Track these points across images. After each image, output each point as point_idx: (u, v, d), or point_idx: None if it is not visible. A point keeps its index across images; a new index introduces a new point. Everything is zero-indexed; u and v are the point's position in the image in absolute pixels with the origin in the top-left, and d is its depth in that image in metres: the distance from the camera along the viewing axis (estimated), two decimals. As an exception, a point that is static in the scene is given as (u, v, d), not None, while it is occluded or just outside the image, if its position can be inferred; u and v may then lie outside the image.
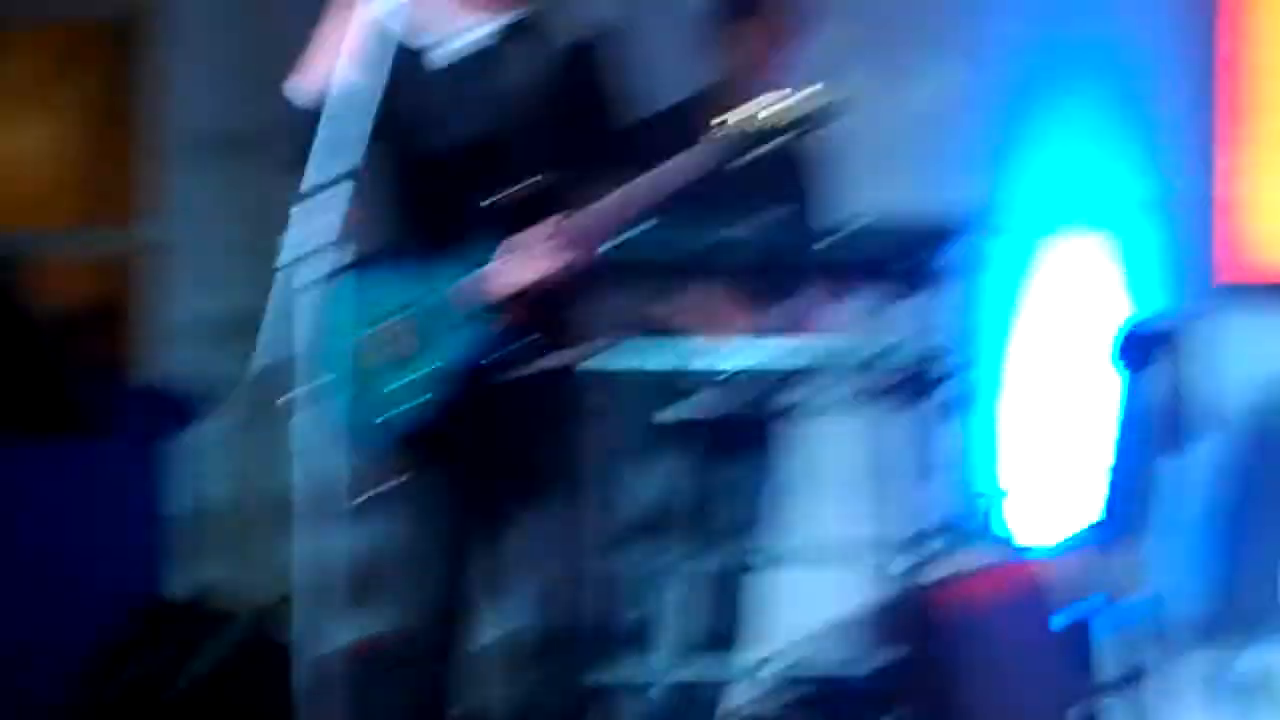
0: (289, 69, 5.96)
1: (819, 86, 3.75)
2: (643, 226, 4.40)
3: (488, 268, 3.80)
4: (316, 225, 3.47)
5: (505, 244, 3.79)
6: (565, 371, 3.95)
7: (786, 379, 4.95)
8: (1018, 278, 6.51)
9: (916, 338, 4.87)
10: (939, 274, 4.87)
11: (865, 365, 4.95)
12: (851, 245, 4.89)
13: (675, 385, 4.90)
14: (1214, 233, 6.33)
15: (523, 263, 3.78)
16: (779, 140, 3.75)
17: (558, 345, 3.91)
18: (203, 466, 6.39)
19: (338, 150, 3.49)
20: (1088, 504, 5.99)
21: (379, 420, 3.84)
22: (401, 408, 3.84)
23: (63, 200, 9.71)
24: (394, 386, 3.84)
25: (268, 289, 3.60)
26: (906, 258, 4.88)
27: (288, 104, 3.79)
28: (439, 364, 3.83)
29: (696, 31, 5.33)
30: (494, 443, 3.89)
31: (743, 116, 3.72)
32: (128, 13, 8.03)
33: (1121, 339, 6.05)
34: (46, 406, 4.07)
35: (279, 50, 6.81)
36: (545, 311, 3.85)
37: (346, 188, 3.47)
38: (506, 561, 4.04)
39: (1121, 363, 6.03)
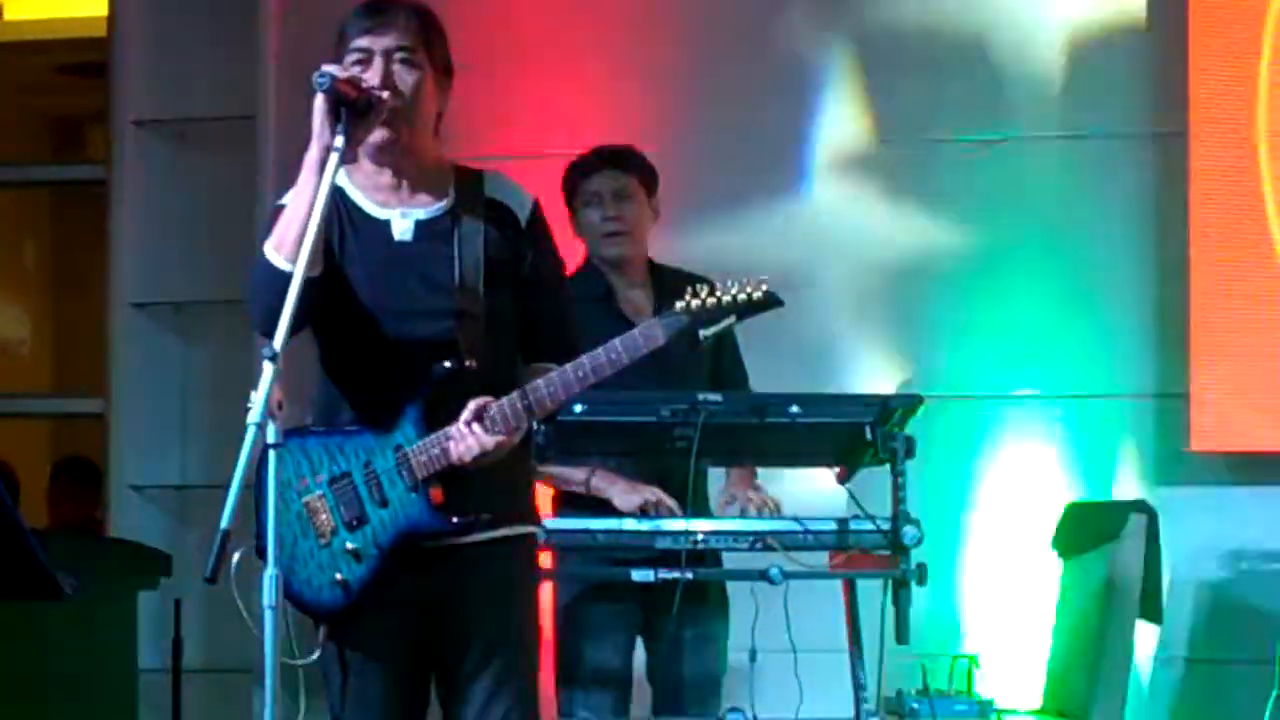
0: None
1: (761, 276, 3.84)
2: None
3: (440, 437, 3.82)
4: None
5: (470, 411, 3.80)
6: (506, 541, 3.94)
7: (754, 547, 4.94)
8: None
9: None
10: (902, 444, 4.89)
11: (832, 535, 4.97)
12: (816, 416, 4.95)
13: (641, 550, 4.90)
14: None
15: (475, 434, 3.79)
16: (724, 323, 3.81)
17: (498, 515, 3.90)
18: (174, 624, 6.34)
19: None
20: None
21: (318, 586, 3.85)
22: (339, 575, 3.85)
23: (25, 363, 9.70)
24: (334, 553, 3.85)
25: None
26: (871, 429, 4.92)
27: (260, 266, 3.80)
28: (381, 532, 3.84)
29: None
30: (432, 612, 3.90)
31: (689, 300, 3.81)
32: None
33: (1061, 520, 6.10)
34: (13, 569, 4.05)
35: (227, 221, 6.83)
36: (486, 481, 3.86)
37: (272, 368, 3.51)
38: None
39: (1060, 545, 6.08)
